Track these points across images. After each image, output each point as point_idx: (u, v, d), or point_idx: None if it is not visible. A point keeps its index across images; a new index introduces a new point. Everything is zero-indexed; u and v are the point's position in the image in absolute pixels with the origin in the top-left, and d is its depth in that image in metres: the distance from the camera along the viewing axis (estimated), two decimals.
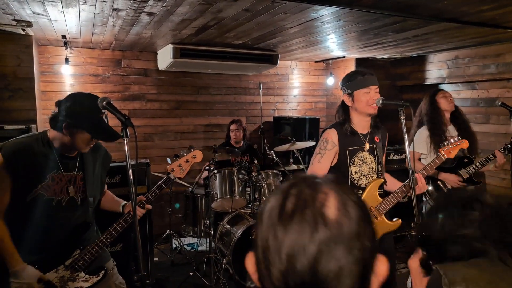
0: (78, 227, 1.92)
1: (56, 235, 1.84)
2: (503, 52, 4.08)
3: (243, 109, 5.46)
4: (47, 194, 1.79)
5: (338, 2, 2.53)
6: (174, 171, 2.08)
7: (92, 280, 1.89)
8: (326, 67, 5.94)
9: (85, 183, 1.92)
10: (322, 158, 2.25)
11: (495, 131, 4.39)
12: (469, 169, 3.07)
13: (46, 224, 1.80)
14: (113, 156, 5.26)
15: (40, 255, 1.79)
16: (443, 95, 3.22)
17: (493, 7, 2.63)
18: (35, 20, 3.09)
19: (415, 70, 5.18)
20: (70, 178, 1.87)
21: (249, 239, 3.41)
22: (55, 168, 1.82)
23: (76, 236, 1.91)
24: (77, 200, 1.90)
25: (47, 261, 1.80)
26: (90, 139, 1.80)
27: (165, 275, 3.82)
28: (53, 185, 1.81)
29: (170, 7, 2.67)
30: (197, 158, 2.14)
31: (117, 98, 4.66)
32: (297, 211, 0.59)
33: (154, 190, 2.04)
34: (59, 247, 1.85)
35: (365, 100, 2.21)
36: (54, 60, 4.35)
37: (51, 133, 1.82)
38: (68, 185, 1.85)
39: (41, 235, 1.80)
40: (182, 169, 2.09)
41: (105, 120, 1.79)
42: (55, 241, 1.83)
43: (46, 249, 1.81)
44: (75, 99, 1.79)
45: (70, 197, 1.87)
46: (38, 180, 1.77)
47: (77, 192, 1.90)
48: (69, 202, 1.87)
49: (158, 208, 4.75)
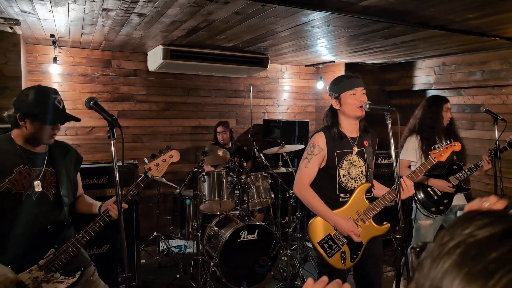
0: (52, 226, 1.89)
1: (29, 232, 1.81)
2: (488, 59, 4.17)
3: (233, 112, 5.47)
4: (15, 188, 1.79)
5: (328, 7, 2.57)
6: (151, 170, 2.08)
7: (68, 282, 1.84)
8: (316, 71, 5.99)
9: (57, 178, 1.92)
10: (309, 163, 2.28)
11: (480, 137, 4.48)
12: (458, 175, 3.06)
13: (18, 220, 1.79)
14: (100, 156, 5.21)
15: (12, 254, 1.75)
16: (446, 109, 3.10)
17: (478, 15, 2.70)
18: (23, 19, 3.06)
19: (403, 75, 5.27)
20: (38, 173, 1.87)
21: (237, 241, 3.41)
22: (21, 163, 1.83)
23: (50, 235, 1.87)
24: (49, 196, 1.89)
25: (20, 260, 1.77)
26: (42, 125, 1.81)
27: (151, 277, 3.79)
28: (21, 179, 1.81)
29: (161, 8, 2.67)
30: (174, 158, 2.14)
31: (106, 98, 4.62)
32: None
33: (131, 188, 2.02)
34: (32, 246, 1.81)
35: (352, 102, 2.23)
36: (42, 59, 4.30)
37: (13, 133, 1.87)
38: (34, 179, 1.85)
39: (12, 232, 1.77)
40: (159, 168, 2.08)
41: (57, 105, 1.82)
42: (27, 239, 1.80)
43: (18, 248, 1.77)
44: (22, 92, 1.85)
45: (41, 192, 1.86)
46: (4, 175, 1.78)
47: (48, 187, 1.89)
48: (41, 198, 1.86)
49: (145, 209, 4.72)
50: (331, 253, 2.26)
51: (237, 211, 3.76)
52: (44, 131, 1.82)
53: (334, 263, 2.26)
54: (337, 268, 2.26)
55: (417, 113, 3.20)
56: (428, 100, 3.20)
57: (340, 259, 2.25)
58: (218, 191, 3.67)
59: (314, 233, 2.28)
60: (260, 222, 3.63)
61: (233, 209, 3.83)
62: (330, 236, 2.27)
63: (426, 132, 3.06)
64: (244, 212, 3.62)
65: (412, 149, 3.10)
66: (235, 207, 3.81)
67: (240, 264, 3.45)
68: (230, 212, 3.78)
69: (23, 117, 1.79)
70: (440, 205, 3.08)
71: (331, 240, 2.27)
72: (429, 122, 3.09)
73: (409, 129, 3.22)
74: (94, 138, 4.60)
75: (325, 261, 2.27)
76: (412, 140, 3.13)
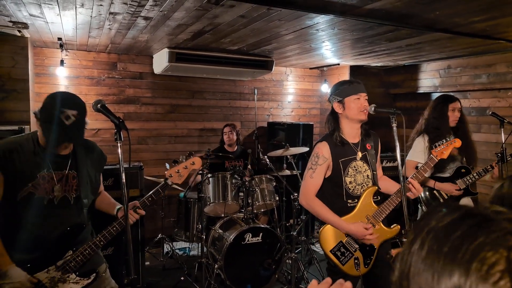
0: (72, 228, 1.91)
1: (49, 234, 1.83)
2: (494, 62, 4.15)
3: (238, 114, 5.49)
4: (38, 193, 1.79)
5: (333, 10, 2.57)
6: (172, 176, 2.02)
7: (83, 283, 1.87)
8: (320, 74, 6.00)
9: (79, 181, 1.91)
10: (314, 173, 2.26)
11: (486, 140, 4.46)
12: (466, 179, 3.02)
13: (38, 223, 1.80)
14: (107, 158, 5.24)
15: (32, 255, 1.78)
16: (452, 108, 3.05)
17: (483, 18, 2.69)
18: (31, 22, 3.10)
19: (408, 78, 5.25)
20: (61, 176, 1.87)
21: (241, 244, 3.42)
22: (45, 167, 1.82)
23: (70, 237, 1.89)
24: (70, 199, 1.90)
25: (39, 261, 1.80)
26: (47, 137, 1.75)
27: (156, 280, 3.80)
28: (44, 183, 1.81)
29: (167, 12, 2.70)
30: (196, 165, 2.08)
31: (112, 101, 4.66)
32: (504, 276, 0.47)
33: (151, 195, 1.99)
34: (51, 247, 1.84)
35: (356, 106, 2.23)
36: (49, 62, 4.35)
37: (39, 132, 1.83)
38: (55, 184, 1.84)
39: (33, 234, 1.79)
40: (180, 175, 2.03)
41: (62, 120, 1.69)
42: (47, 241, 1.83)
43: (38, 249, 1.80)
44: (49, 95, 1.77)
45: (63, 196, 1.87)
46: (28, 179, 1.77)
47: (69, 191, 1.89)
48: (62, 201, 1.87)
49: (150, 212, 4.73)
50: (344, 260, 2.23)
51: (241, 213, 3.76)
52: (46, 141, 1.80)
53: (348, 270, 2.22)
54: (351, 275, 2.21)
55: (425, 114, 3.16)
56: (435, 100, 3.16)
57: (354, 266, 2.22)
58: (223, 193, 3.68)
59: (326, 242, 2.24)
60: (265, 225, 3.63)
61: (238, 212, 3.83)
62: (342, 243, 2.24)
63: (432, 132, 3.02)
64: (249, 214, 3.62)
65: (420, 150, 3.06)
66: (240, 210, 3.81)
67: (245, 266, 3.44)
68: (235, 215, 3.79)
69: (37, 119, 1.77)
70: None
71: (343, 247, 2.24)
72: (434, 123, 3.05)
73: (417, 129, 3.18)
74: (99, 141, 4.63)
75: (338, 268, 2.22)
76: (419, 141, 3.09)
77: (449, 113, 3.04)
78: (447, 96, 3.16)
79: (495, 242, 0.49)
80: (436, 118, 3.05)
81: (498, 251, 0.48)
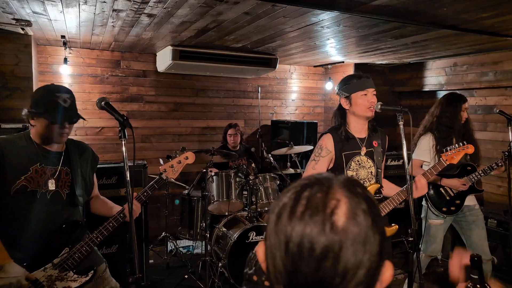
0: (67, 225, 1.90)
1: (43, 230, 1.83)
2: (501, 60, 4.10)
3: (241, 112, 5.46)
4: (30, 185, 1.81)
5: (338, 7, 2.54)
6: (166, 171, 2.08)
7: (81, 280, 1.86)
8: (325, 71, 5.96)
9: (72, 178, 1.93)
10: (316, 165, 2.26)
11: (492, 138, 4.41)
12: (471, 177, 3.00)
13: (32, 217, 1.81)
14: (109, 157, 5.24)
15: (27, 252, 1.78)
16: (464, 109, 3.02)
17: (492, 15, 2.65)
18: (34, 20, 3.09)
19: (413, 76, 5.21)
20: (54, 171, 1.89)
21: (245, 242, 3.40)
22: (38, 161, 1.85)
23: (65, 234, 1.89)
24: (63, 195, 1.91)
25: (35, 259, 1.79)
26: (48, 124, 1.82)
27: (160, 278, 3.80)
28: (37, 177, 1.83)
29: (171, 9, 2.68)
30: (190, 160, 2.14)
31: (115, 99, 4.65)
32: (306, 214, 0.61)
33: (146, 190, 2.04)
34: (46, 244, 1.83)
35: (363, 102, 2.20)
36: (52, 60, 4.34)
37: (31, 131, 1.90)
38: (49, 178, 1.86)
39: (27, 229, 1.79)
40: (174, 170, 2.09)
41: (61, 103, 1.80)
42: (42, 237, 1.82)
43: (33, 245, 1.80)
44: (34, 91, 1.86)
45: (55, 190, 1.88)
46: (20, 172, 1.80)
47: (62, 187, 1.90)
48: (55, 196, 1.88)
49: (154, 210, 4.73)
50: None
51: (245, 212, 3.74)
52: (52, 129, 1.83)
53: None
54: None
55: (434, 111, 3.09)
56: (446, 98, 3.09)
57: None
58: (227, 192, 3.67)
59: None
60: None
61: (242, 210, 3.82)
62: None
63: (444, 131, 2.98)
64: (253, 213, 3.60)
65: (425, 149, 3.03)
66: (244, 208, 3.80)
67: None
68: (239, 213, 3.77)
69: (33, 116, 1.82)
70: (452, 206, 3.03)
71: None
72: (446, 122, 2.99)
73: (424, 126, 3.12)
74: (103, 139, 4.63)
75: None
76: (426, 139, 3.05)
77: (463, 114, 3.02)
78: (459, 96, 3.10)
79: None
80: (449, 117, 2.99)
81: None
